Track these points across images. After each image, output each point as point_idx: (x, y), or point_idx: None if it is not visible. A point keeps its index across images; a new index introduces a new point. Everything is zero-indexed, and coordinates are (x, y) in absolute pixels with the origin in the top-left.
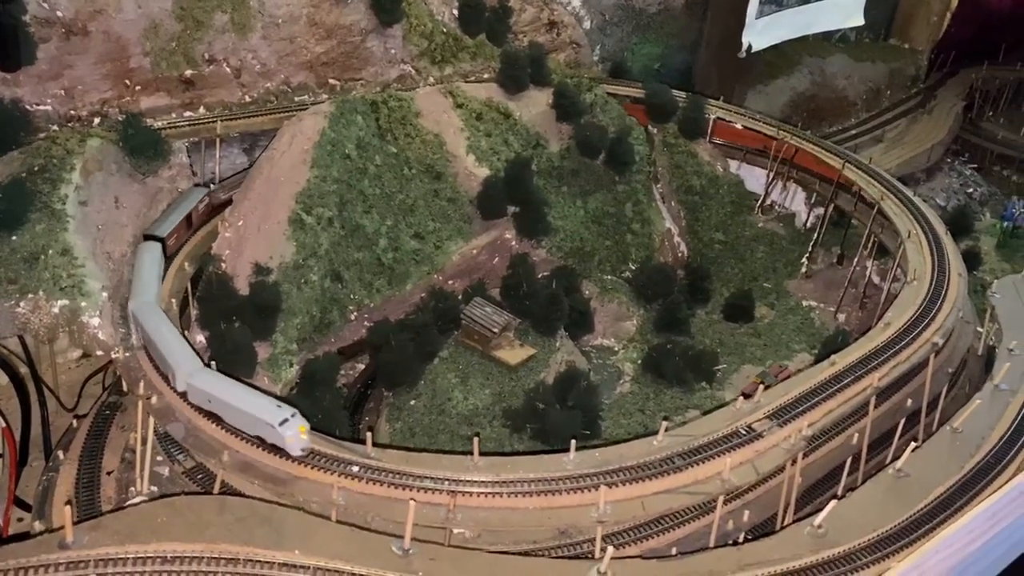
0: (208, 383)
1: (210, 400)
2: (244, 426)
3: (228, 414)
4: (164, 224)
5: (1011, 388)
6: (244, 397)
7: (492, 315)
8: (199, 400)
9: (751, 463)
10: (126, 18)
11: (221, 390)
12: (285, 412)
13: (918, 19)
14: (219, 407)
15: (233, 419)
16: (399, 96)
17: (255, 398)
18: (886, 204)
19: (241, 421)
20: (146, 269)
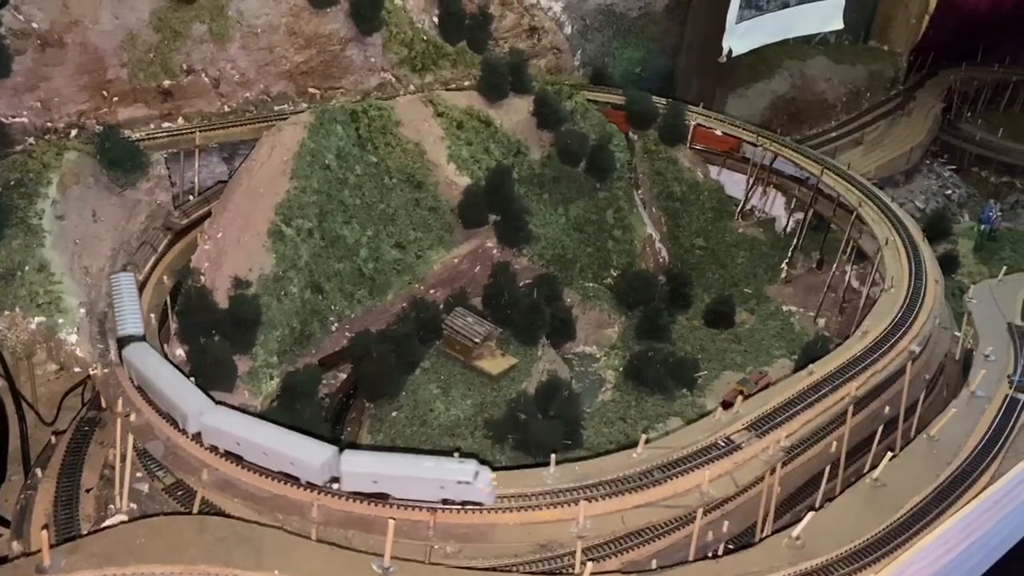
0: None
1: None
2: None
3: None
4: (131, 320)
5: (987, 395)
6: (407, 465)
7: (474, 325)
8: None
9: (730, 475)
10: (103, 29)
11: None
12: (470, 466)
13: (897, 21)
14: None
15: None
16: (379, 105)
17: (422, 463)
18: (864, 211)
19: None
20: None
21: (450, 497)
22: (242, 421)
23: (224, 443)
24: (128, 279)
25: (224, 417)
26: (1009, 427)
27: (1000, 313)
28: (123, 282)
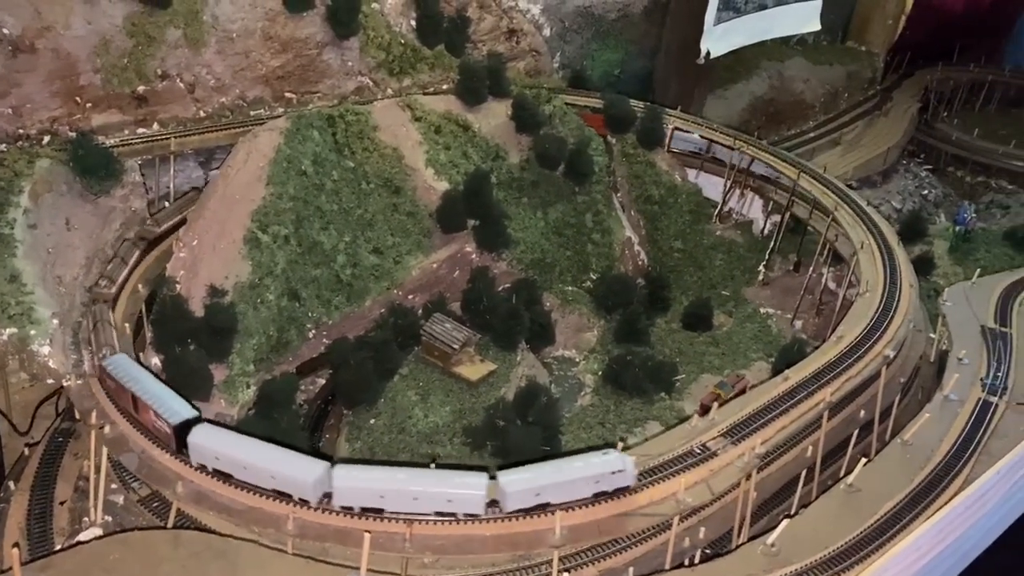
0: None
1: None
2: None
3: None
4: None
5: (960, 398)
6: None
7: (452, 331)
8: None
9: (706, 482)
10: (75, 35)
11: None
12: (614, 455)
13: (874, 22)
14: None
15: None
16: (356, 110)
17: (572, 464)
18: (840, 214)
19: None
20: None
21: (604, 489)
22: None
23: (358, 501)
24: (125, 362)
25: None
26: (981, 431)
27: (974, 316)
28: (126, 367)
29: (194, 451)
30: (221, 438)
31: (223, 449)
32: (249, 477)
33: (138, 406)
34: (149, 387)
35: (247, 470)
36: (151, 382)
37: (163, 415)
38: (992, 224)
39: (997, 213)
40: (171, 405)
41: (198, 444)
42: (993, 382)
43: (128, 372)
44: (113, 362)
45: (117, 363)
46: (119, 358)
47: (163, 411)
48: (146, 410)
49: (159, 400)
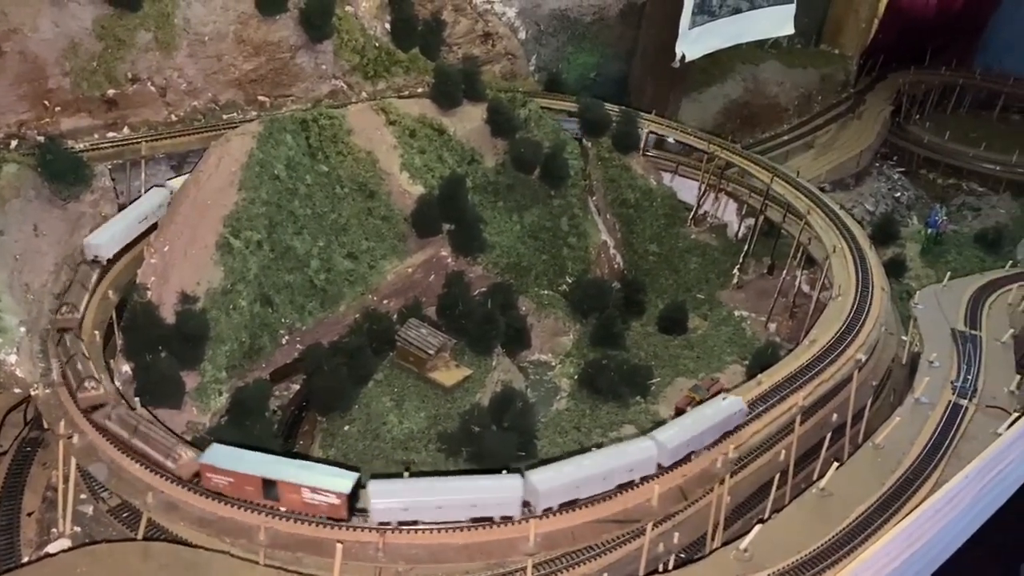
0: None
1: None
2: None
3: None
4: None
5: (931, 401)
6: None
7: (427, 336)
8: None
9: (679, 488)
10: (43, 38)
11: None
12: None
13: (847, 25)
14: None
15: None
16: (330, 114)
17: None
18: (813, 218)
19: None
20: None
21: (727, 430)
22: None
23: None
24: (227, 451)
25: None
26: (951, 434)
27: (944, 319)
28: (232, 455)
29: (376, 513)
30: (397, 488)
31: (408, 498)
32: (442, 516)
33: (277, 490)
34: (285, 467)
35: (441, 509)
36: (282, 461)
37: (324, 488)
38: (963, 226)
39: (968, 215)
40: (325, 477)
41: (381, 505)
42: (963, 385)
43: (242, 459)
44: (214, 454)
45: (219, 453)
46: (218, 449)
47: (322, 484)
48: (293, 491)
49: (309, 475)
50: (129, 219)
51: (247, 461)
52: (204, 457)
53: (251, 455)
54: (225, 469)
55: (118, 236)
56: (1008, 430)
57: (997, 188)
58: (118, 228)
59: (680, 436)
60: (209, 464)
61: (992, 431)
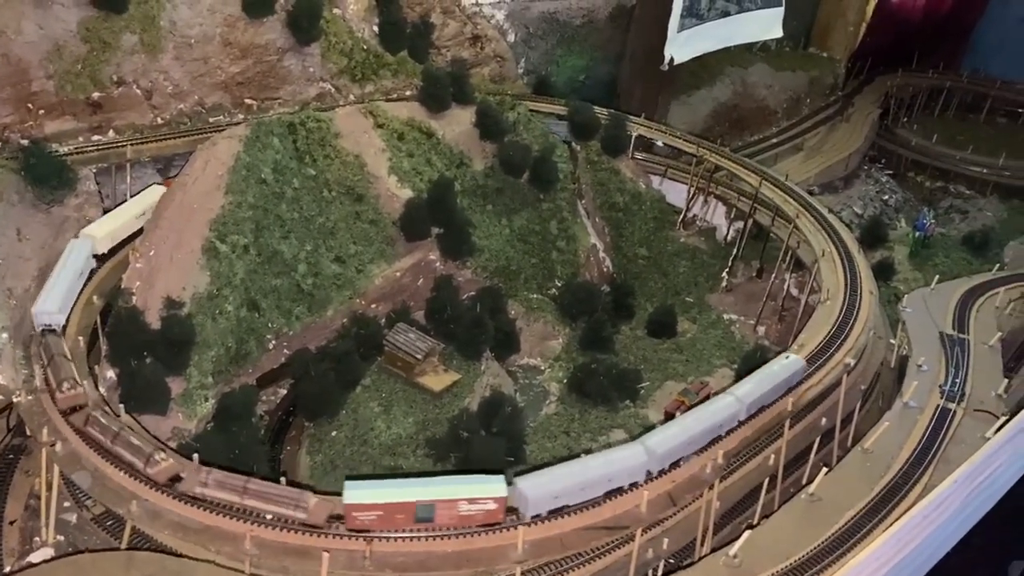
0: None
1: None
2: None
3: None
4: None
5: (919, 405)
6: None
7: (415, 341)
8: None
9: (668, 494)
10: (27, 40)
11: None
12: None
13: (835, 28)
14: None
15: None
16: (317, 117)
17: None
18: (802, 222)
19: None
20: None
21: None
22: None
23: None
24: (365, 485)
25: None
26: (940, 438)
27: (932, 322)
28: (371, 487)
29: (533, 506)
30: (544, 480)
31: (557, 486)
32: (584, 496)
33: (434, 511)
34: (431, 487)
35: (584, 490)
36: (421, 482)
37: (481, 497)
38: (951, 229)
39: (956, 218)
40: (477, 486)
41: (536, 497)
42: (951, 388)
43: (385, 489)
44: (356, 493)
45: (360, 490)
46: (355, 487)
47: (479, 494)
48: (450, 507)
49: (461, 488)
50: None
51: (392, 490)
52: (347, 498)
53: (390, 483)
54: (373, 504)
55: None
56: (996, 435)
57: (984, 191)
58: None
59: (756, 390)
60: (354, 503)
61: (980, 435)
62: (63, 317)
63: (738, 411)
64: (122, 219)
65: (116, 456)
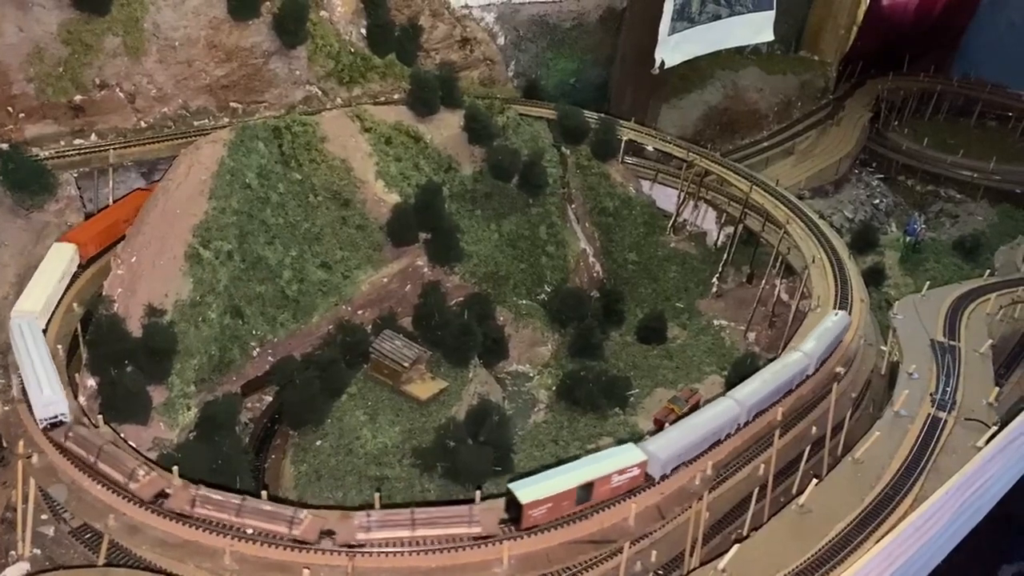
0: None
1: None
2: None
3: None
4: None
5: (910, 414)
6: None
7: (402, 348)
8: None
9: (656, 507)
10: (7, 42)
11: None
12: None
13: (826, 32)
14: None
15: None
16: (303, 121)
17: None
18: (792, 228)
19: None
20: None
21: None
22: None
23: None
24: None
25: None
26: (931, 448)
27: (923, 329)
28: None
29: (663, 466)
30: (666, 441)
31: (679, 446)
32: (699, 449)
33: (592, 491)
34: (582, 469)
35: (696, 447)
36: (569, 467)
37: (627, 467)
38: (941, 233)
39: (946, 222)
40: (621, 457)
41: (666, 457)
42: (942, 397)
43: (548, 482)
44: (527, 492)
45: (528, 488)
46: (523, 486)
47: (625, 464)
48: (605, 483)
49: (608, 463)
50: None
51: (554, 482)
52: (523, 498)
53: (546, 475)
54: (545, 498)
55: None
56: (987, 445)
57: (975, 195)
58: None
59: (818, 348)
60: (531, 502)
61: (971, 444)
62: (66, 406)
63: (807, 367)
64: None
65: (99, 472)
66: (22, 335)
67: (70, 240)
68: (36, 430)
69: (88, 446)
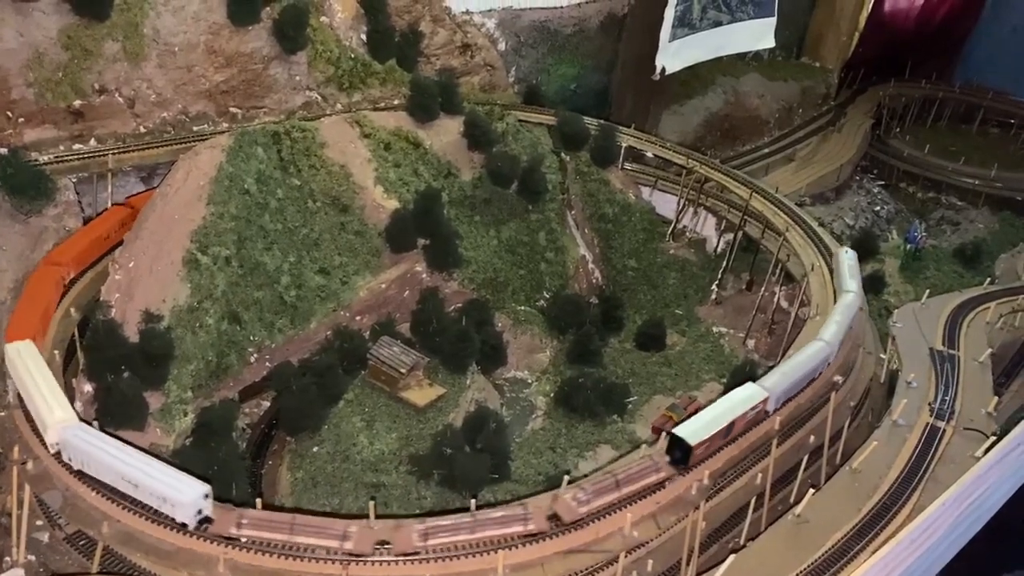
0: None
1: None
2: None
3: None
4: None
5: (908, 423)
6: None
7: (400, 355)
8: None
9: (653, 516)
10: (6, 47)
11: None
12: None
13: (828, 38)
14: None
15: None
16: (303, 126)
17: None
18: (791, 235)
19: None
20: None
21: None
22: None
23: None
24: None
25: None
26: (929, 457)
27: (923, 337)
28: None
29: (776, 400)
30: (778, 378)
31: (789, 382)
32: (801, 386)
33: (733, 427)
34: (718, 410)
35: (798, 383)
36: (706, 412)
37: (758, 401)
38: (942, 241)
39: (947, 229)
40: (744, 393)
41: (778, 393)
42: (941, 406)
43: (702, 422)
44: (689, 431)
45: (690, 429)
46: (686, 429)
47: (756, 399)
48: (743, 419)
49: (739, 401)
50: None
51: (708, 422)
52: (692, 439)
53: (698, 419)
54: (706, 438)
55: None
56: (985, 455)
57: (976, 202)
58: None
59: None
60: (698, 443)
61: (970, 454)
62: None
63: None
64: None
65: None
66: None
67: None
68: (31, 435)
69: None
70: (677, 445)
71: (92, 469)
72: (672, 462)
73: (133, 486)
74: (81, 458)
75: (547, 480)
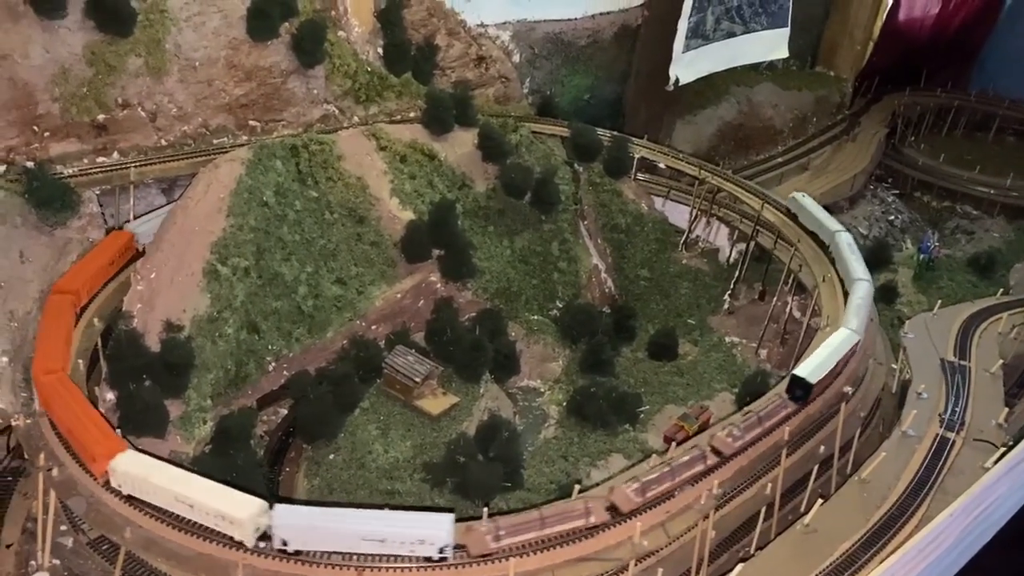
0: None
1: None
2: None
3: None
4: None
5: (918, 434)
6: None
7: (414, 364)
8: None
9: (662, 525)
10: (33, 64)
11: None
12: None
13: (842, 47)
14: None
15: None
16: (320, 139)
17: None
18: (803, 247)
19: None
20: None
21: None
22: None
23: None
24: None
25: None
26: (938, 468)
27: (934, 348)
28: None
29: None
30: (856, 324)
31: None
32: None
33: (812, 391)
34: (831, 348)
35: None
36: (826, 351)
37: (856, 342)
38: (956, 250)
39: (962, 239)
40: (844, 337)
41: (860, 336)
42: (951, 417)
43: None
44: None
45: (807, 369)
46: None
47: (852, 342)
48: (821, 387)
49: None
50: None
51: (821, 363)
52: (812, 378)
53: (813, 360)
54: (822, 377)
55: None
56: (995, 466)
57: (991, 211)
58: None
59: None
60: (818, 380)
61: (980, 465)
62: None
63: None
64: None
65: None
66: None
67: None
68: (56, 443)
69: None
70: (798, 384)
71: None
72: (793, 398)
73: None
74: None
75: (559, 489)
